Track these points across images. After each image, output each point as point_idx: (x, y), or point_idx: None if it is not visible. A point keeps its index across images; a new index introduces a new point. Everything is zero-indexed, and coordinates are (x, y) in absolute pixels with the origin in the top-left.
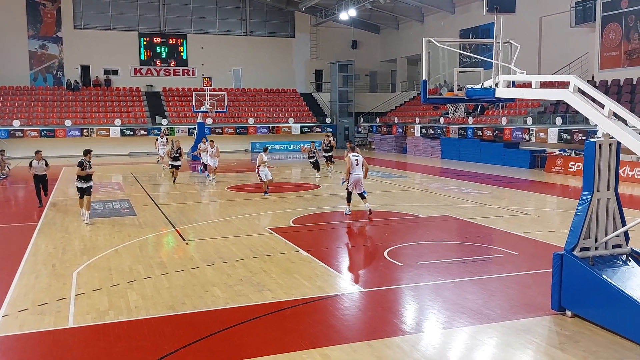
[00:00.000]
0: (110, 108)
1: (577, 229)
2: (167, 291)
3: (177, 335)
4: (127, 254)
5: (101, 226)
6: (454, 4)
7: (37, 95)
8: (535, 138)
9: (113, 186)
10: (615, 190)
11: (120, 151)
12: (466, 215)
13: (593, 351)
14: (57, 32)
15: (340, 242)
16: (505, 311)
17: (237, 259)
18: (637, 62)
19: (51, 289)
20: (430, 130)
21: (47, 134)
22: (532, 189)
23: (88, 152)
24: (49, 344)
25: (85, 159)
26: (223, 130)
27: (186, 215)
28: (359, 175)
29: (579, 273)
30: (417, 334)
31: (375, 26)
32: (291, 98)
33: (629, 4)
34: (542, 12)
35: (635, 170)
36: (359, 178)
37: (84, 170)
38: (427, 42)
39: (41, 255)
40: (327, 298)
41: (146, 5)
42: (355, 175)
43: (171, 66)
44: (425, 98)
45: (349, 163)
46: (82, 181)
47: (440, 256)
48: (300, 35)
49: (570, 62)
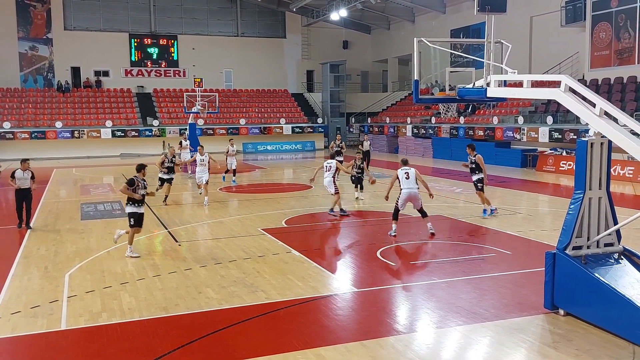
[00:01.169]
0: (101, 109)
1: (569, 228)
2: (160, 293)
3: (171, 336)
4: (119, 256)
5: (93, 228)
6: (445, 3)
7: (28, 97)
8: (527, 137)
9: (105, 188)
10: (607, 189)
11: (112, 152)
12: (458, 214)
13: (586, 349)
14: (47, 34)
15: (333, 242)
16: (498, 310)
17: (230, 260)
18: (627, 61)
19: (44, 291)
20: (421, 130)
21: (37, 136)
22: (523, 188)
23: (142, 167)
24: (41, 347)
25: (139, 177)
26: (214, 131)
27: (178, 217)
28: (410, 189)
29: (572, 272)
30: (410, 334)
31: (367, 26)
32: (282, 98)
33: (619, 3)
34: (533, 12)
35: (626, 168)
36: (411, 193)
37: (137, 193)
38: (419, 42)
39: (33, 257)
40: (320, 298)
41: (137, 6)
42: (406, 189)
43: (162, 67)
44: (417, 98)
45: (394, 178)
46: (135, 205)
47: (433, 256)
48: (292, 35)
49: (560, 61)
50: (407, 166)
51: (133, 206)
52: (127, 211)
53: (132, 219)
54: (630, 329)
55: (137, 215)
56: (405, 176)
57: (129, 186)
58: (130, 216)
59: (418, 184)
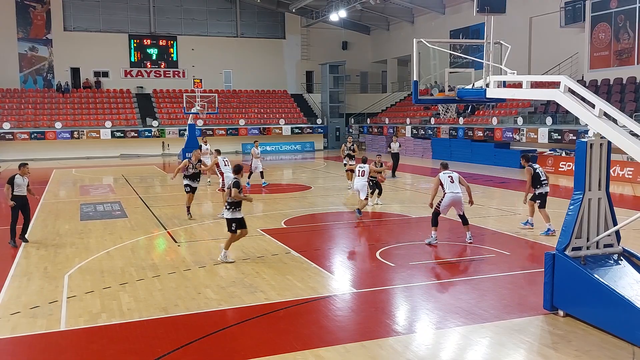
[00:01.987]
0: (100, 110)
1: (569, 229)
2: (159, 293)
3: (171, 337)
4: (118, 256)
5: (92, 228)
6: (444, 4)
7: (27, 97)
8: (526, 138)
9: (104, 188)
10: (607, 190)
11: (111, 153)
12: (457, 215)
13: (586, 350)
14: (47, 34)
15: (333, 243)
16: (497, 311)
17: (230, 261)
18: (626, 61)
19: (43, 291)
20: (421, 131)
21: (37, 137)
22: (523, 189)
23: (241, 169)
24: (41, 347)
25: (239, 177)
26: (214, 132)
27: (177, 217)
28: (456, 193)
29: (571, 273)
30: (410, 335)
31: (366, 27)
32: (282, 99)
33: (618, 4)
34: (532, 13)
35: (625, 169)
36: (456, 197)
37: (242, 195)
38: (418, 42)
39: (33, 258)
40: (320, 299)
41: (136, 7)
42: (451, 193)
43: (162, 68)
44: (416, 99)
45: (437, 183)
46: (237, 210)
47: (432, 256)
48: (291, 36)
49: (560, 62)
50: (448, 170)
51: (235, 211)
52: (228, 216)
53: (233, 224)
54: (629, 330)
55: (237, 220)
56: (450, 180)
57: (236, 188)
58: (231, 222)
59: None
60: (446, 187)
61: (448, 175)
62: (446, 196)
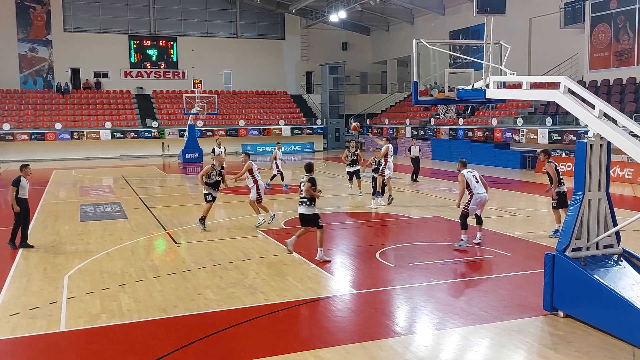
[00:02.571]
0: (100, 111)
1: (569, 230)
2: (159, 294)
3: (170, 338)
4: (118, 257)
5: (92, 229)
6: (444, 5)
7: (27, 98)
8: (526, 139)
9: (104, 189)
10: (607, 191)
11: (111, 154)
12: (457, 216)
13: (586, 351)
14: (47, 35)
15: (332, 243)
16: (497, 312)
17: (229, 262)
18: (626, 62)
19: (43, 292)
20: (421, 132)
21: (37, 137)
22: (523, 189)
23: (312, 166)
24: (40, 348)
25: (312, 174)
26: (214, 133)
27: (177, 218)
28: (483, 194)
29: (571, 273)
30: (410, 335)
31: (366, 28)
32: (282, 100)
33: (618, 4)
34: (532, 13)
35: (625, 170)
36: (483, 198)
37: (317, 191)
38: (418, 43)
39: (32, 258)
40: (319, 300)
41: (136, 7)
42: (479, 194)
43: (161, 68)
44: (416, 99)
45: (464, 182)
46: (309, 204)
47: (432, 257)
48: (291, 37)
49: (560, 62)
50: (468, 168)
51: (312, 206)
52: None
53: (319, 220)
54: (630, 331)
55: (306, 218)
56: (475, 180)
57: (312, 184)
58: (315, 217)
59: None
60: (474, 188)
61: (472, 175)
62: (474, 198)
